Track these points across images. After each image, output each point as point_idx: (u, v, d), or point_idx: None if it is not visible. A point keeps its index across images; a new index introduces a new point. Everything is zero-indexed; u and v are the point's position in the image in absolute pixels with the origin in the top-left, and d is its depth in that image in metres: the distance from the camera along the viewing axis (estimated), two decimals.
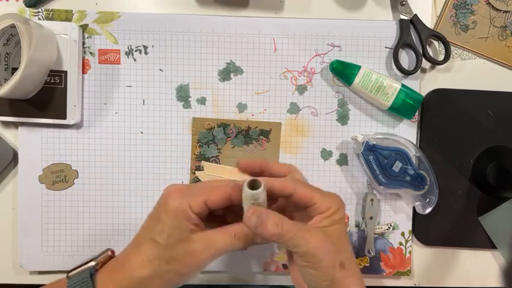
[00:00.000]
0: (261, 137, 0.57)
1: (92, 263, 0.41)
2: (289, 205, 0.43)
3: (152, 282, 0.39)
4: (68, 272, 0.41)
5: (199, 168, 0.57)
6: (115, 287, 0.39)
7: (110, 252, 0.42)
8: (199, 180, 0.57)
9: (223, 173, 0.57)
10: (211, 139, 0.57)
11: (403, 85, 0.55)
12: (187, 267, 0.39)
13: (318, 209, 0.40)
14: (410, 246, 0.59)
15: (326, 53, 0.57)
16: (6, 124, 0.57)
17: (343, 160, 0.58)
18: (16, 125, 0.56)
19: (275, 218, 0.38)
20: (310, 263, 0.39)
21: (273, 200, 0.42)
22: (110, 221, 0.58)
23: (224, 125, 0.57)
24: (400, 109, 0.55)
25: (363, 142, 0.54)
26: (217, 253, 0.39)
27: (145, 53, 0.56)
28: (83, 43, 0.56)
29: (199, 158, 0.57)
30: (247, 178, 0.38)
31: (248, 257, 0.58)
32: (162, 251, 0.39)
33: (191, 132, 0.57)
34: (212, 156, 0.57)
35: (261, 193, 0.38)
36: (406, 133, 0.58)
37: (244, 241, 0.40)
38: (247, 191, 0.37)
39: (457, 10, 0.58)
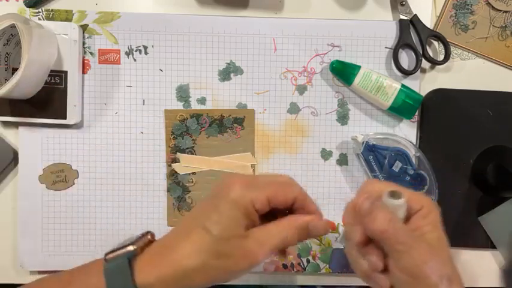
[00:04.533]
0: (235, 125, 0.57)
1: (131, 248, 0.36)
2: None
3: (197, 276, 0.35)
4: (106, 254, 0.37)
5: (175, 160, 0.57)
6: (156, 276, 0.35)
7: (149, 237, 0.38)
8: (176, 172, 0.57)
9: (199, 164, 0.57)
10: (185, 130, 0.57)
11: (403, 85, 0.55)
12: (238, 265, 0.35)
13: (413, 205, 0.37)
14: None
15: (326, 53, 0.57)
16: (6, 124, 0.57)
17: (343, 160, 0.58)
18: (16, 125, 0.56)
19: (388, 212, 0.35)
20: (412, 278, 0.34)
21: None
22: (110, 220, 0.58)
23: (197, 115, 0.57)
24: (400, 109, 0.55)
25: (363, 142, 0.54)
26: (271, 252, 0.36)
27: (145, 53, 0.56)
28: (83, 43, 0.56)
29: (174, 150, 0.57)
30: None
31: None
32: (215, 244, 0.35)
33: (164, 125, 0.57)
34: (187, 148, 0.57)
35: (403, 205, 0.35)
36: (406, 133, 0.58)
37: (299, 236, 0.37)
38: (389, 201, 0.35)
39: (457, 10, 0.58)
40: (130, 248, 0.36)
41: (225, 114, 0.57)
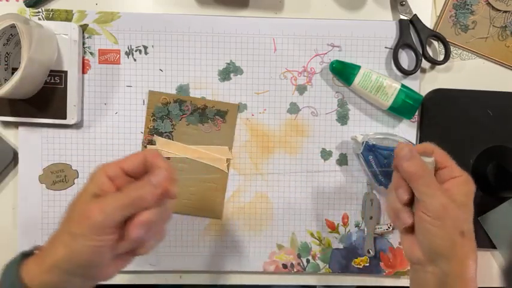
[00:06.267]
0: (217, 117, 0.57)
1: (24, 250, 0.41)
2: None
3: (54, 250, 0.38)
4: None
5: (151, 142, 0.57)
6: (37, 263, 0.38)
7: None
8: None
9: (175, 150, 0.57)
10: (166, 114, 0.57)
11: (402, 85, 0.55)
12: (80, 224, 0.37)
13: (451, 173, 0.43)
14: None
15: (326, 53, 0.57)
16: (6, 124, 0.57)
17: (343, 160, 0.58)
18: (16, 125, 0.56)
19: (422, 162, 0.42)
20: (433, 218, 0.40)
21: None
22: None
23: (180, 101, 0.57)
24: (399, 109, 0.55)
25: (363, 142, 0.54)
26: (111, 213, 0.36)
27: (145, 53, 0.56)
28: (83, 43, 0.56)
29: (152, 132, 0.57)
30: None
31: (248, 257, 0.58)
32: (66, 215, 0.39)
33: (146, 106, 0.57)
34: (165, 132, 0.57)
35: (431, 163, 0.43)
36: (406, 133, 0.58)
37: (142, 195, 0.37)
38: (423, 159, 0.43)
39: (457, 10, 0.58)
40: (22, 252, 0.41)
41: (209, 105, 0.57)
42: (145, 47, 0.56)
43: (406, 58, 0.57)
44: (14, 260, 0.40)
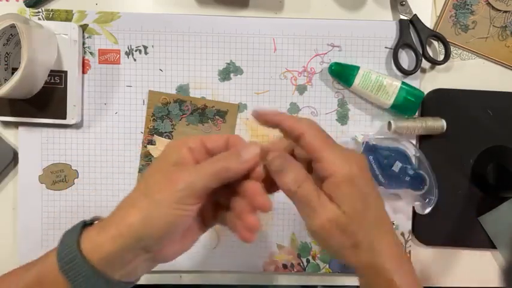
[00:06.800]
0: (217, 117, 0.57)
1: (83, 220, 0.38)
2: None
3: (127, 216, 0.35)
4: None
5: (151, 142, 0.57)
6: (100, 232, 0.36)
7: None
8: (150, 154, 0.57)
9: None
10: (166, 114, 0.57)
11: (403, 82, 0.55)
12: (160, 190, 0.35)
13: (322, 170, 0.35)
14: (410, 246, 0.59)
15: (326, 53, 0.57)
16: (6, 124, 0.57)
17: None
18: (16, 125, 0.56)
19: (297, 174, 0.36)
20: (317, 239, 0.36)
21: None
22: None
23: (180, 101, 0.57)
24: (401, 107, 0.55)
25: (363, 142, 0.54)
26: (197, 181, 0.35)
27: (145, 53, 0.56)
28: (83, 43, 0.56)
29: (152, 132, 0.57)
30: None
31: (248, 257, 0.58)
32: (143, 181, 0.37)
33: (146, 106, 0.57)
34: (165, 132, 0.57)
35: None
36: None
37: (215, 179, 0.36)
38: None
39: (457, 10, 0.58)
40: (83, 220, 0.38)
41: (209, 105, 0.57)
42: (145, 47, 0.56)
43: (406, 58, 0.57)
44: (73, 229, 0.37)
